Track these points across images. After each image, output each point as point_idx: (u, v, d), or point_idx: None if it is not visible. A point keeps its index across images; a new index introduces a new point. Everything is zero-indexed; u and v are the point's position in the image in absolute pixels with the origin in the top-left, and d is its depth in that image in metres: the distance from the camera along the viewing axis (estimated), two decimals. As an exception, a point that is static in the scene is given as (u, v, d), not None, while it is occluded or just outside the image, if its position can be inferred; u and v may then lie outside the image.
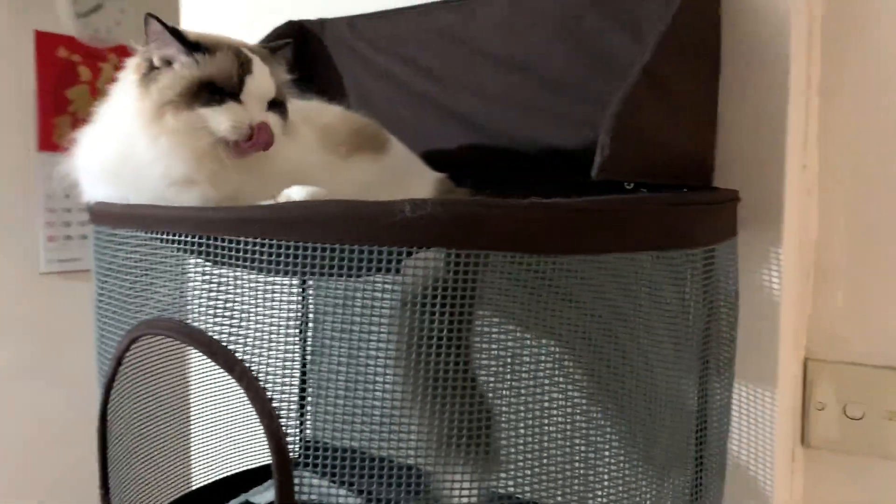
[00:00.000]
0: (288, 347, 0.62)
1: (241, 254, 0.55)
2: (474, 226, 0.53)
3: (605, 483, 0.62)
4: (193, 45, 0.66)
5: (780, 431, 0.83)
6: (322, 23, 1.06)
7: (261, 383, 0.55)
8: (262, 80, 0.68)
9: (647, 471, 0.65)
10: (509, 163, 0.88)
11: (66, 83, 2.53)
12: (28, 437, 2.36)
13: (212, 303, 0.59)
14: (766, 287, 0.81)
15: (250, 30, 1.11)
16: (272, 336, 0.59)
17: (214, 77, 0.65)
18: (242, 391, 1.01)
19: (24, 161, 2.40)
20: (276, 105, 0.70)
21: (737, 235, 0.76)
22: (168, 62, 0.67)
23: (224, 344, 0.56)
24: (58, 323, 2.44)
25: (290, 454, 0.56)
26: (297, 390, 0.93)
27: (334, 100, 0.90)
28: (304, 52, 1.08)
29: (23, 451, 2.35)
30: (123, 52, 0.72)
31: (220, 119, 0.64)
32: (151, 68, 0.67)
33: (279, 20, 1.07)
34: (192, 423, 0.97)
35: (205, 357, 0.95)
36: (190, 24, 1.31)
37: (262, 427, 1.01)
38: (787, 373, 0.84)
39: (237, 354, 0.56)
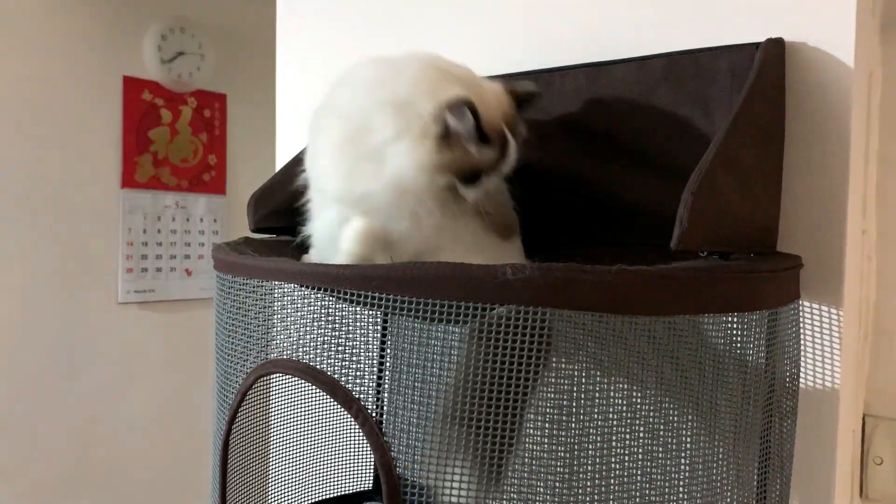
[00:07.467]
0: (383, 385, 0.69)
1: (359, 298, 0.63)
2: (567, 288, 0.60)
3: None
4: None
5: (839, 484, 0.87)
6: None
7: (374, 419, 0.63)
8: None
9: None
10: (589, 223, 0.95)
11: (149, 124, 2.69)
12: (105, 455, 2.47)
13: (329, 346, 0.67)
14: (827, 346, 0.85)
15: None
16: (372, 375, 0.67)
17: None
18: (323, 426, 1.09)
19: (108, 197, 2.55)
20: None
21: (799, 298, 0.81)
22: None
23: (343, 383, 0.64)
24: (133, 350, 2.58)
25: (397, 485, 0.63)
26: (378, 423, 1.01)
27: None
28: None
29: (101, 468, 2.46)
30: (201, 95, 0.81)
31: None
32: None
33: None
34: (271, 454, 1.05)
35: (285, 393, 1.04)
36: (284, 69, 1.42)
37: (339, 458, 1.08)
38: (846, 428, 0.88)
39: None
